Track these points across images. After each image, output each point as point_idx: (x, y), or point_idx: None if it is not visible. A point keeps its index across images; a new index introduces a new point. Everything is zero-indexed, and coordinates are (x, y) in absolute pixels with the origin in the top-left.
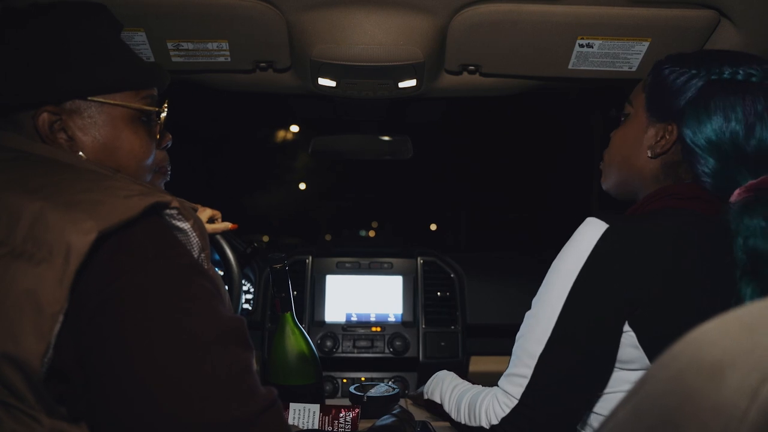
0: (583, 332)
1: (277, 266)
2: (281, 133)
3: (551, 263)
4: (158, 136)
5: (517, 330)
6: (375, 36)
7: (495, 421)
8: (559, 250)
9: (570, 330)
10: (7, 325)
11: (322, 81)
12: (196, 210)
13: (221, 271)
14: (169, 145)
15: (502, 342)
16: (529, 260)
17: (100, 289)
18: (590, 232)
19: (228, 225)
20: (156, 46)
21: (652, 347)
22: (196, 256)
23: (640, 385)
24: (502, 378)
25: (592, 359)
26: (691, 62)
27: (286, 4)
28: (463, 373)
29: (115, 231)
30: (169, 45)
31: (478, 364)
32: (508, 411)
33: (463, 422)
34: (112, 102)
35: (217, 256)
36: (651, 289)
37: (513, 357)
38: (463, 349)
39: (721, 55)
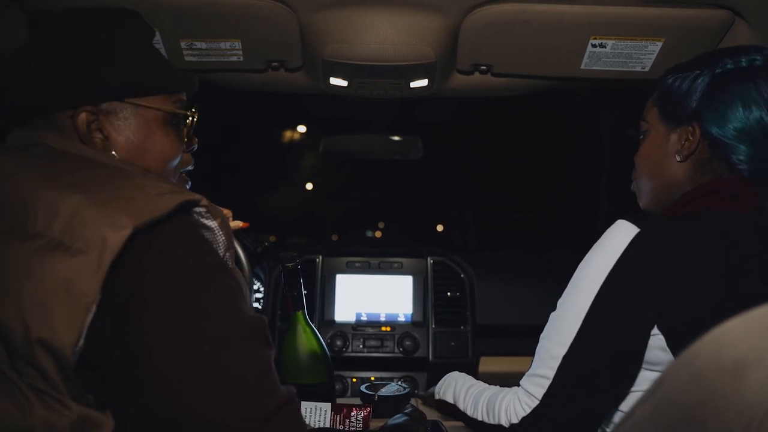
0: (608, 335)
1: (290, 265)
2: (290, 134)
3: (559, 263)
4: (186, 139)
5: (527, 330)
6: (387, 36)
7: (515, 420)
8: (568, 249)
9: (595, 333)
10: (43, 312)
11: (334, 80)
12: None
13: None
14: (195, 149)
15: (512, 342)
16: (538, 260)
17: (129, 284)
18: (620, 235)
19: (239, 224)
20: (169, 46)
21: (682, 350)
22: (221, 254)
23: (658, 384)
24: (524, 378)
25: (617, 362)
26: (692, 65)
27: (298, 4)
28: (473, 374)
29: (148, 227)
30: (183, 44)
31: (488, 364)
32: (529, 411)
33: (479, 419)
34: (147, 105)
35: None
36: (681, 294)
37: (536, 357)
38: (473, 350)
39: (720, 52)
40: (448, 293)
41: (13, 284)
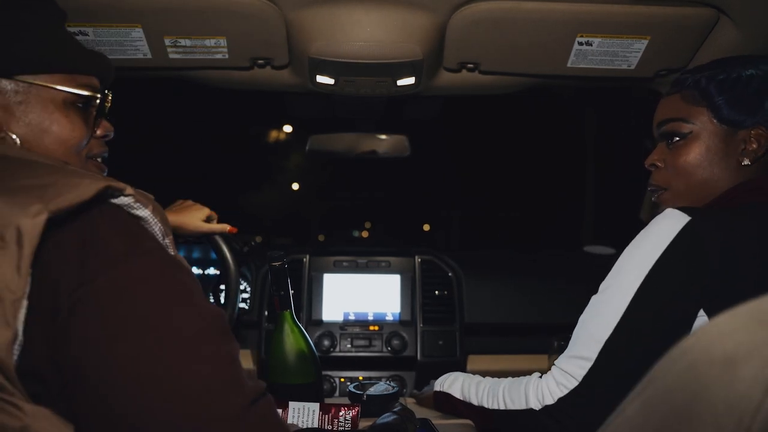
0: (654, 321)
1: (277, 264)
2: (275, 133)
3: (547, 262)
4: (95, 126)
5: (515, 328)
6: (374, 33)
7: (550, 401)
8: (556, 248)
9: (641, 317)
10: None
11: (321, 78)
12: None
13: (218, 270)
14: (110, 136)
15: (500, 341)
16: (525, 259)
17: (73, 290)
18: (671, 222)
19: (227, 227)
20: (153, 43)
21: None
22: (161, 242)
23: (649, 380)
24: (561, 358)
25: (661, 346)
26: (740, 64)
27: (284, 1)
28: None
29: (69, 217)
30: (167, 41)
31: (476, 362)
32: (566, 392)
33: (501, 408)
34: (41, 83)
35: (213, 255)
36: (729, 281)
37: (574, 338)
38: (461, 348)
39: (748, 56)
40: (436, 292)
41: None
